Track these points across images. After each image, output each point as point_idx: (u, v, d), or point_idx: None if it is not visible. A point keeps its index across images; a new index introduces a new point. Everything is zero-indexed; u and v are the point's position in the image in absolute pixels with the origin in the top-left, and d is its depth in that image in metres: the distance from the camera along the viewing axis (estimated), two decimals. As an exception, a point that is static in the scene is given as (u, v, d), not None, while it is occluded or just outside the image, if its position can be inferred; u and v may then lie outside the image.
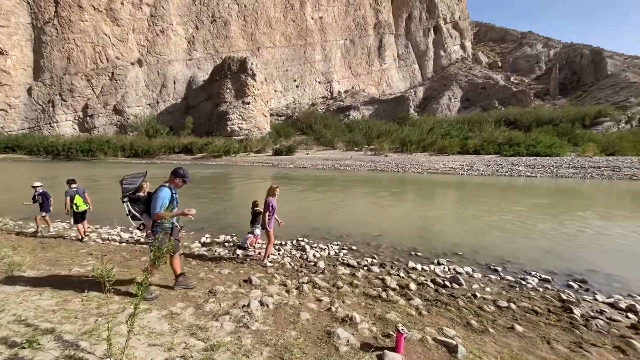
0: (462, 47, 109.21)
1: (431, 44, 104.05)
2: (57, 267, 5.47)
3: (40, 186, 8.51)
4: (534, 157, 40.15)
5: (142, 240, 8.04)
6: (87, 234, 8.12)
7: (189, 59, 77.06)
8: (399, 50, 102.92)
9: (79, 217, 7.92)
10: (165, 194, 4.24)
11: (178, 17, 76.45)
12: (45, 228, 8.59)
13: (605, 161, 33.31)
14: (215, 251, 7.14)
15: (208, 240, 8.05)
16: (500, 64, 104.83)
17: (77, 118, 67.59)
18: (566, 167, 29.90)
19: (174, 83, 73.98)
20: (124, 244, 7.59)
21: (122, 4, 70.57)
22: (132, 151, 53.10)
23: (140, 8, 72.60)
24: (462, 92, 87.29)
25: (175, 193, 4.41)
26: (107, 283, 2.72)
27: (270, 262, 6.33)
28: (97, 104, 68.28)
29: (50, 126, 64.95)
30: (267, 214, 6.09)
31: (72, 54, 67.38)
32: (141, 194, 4.85)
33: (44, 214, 8.32)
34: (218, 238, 8.28)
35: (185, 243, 7.65)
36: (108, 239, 8.08)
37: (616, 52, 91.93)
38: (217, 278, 5.28)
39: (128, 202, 4.65)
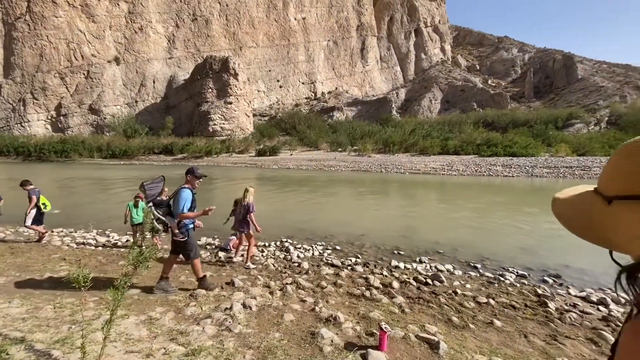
0: (442, 50, 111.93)
1: (412, 47, 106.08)
2: (27, 273, 5.21)
3: None
4: (510, 158, 41.57)
5: (120, 244, 7.77)
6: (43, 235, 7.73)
7: (169, 58, 75.32)
8: (381, 52, 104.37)
9: (42, 218, 7.66)
10: (187, 195, 4.46)
11: (157, 14, 74.60)
12: None
13: (576, 161, 34.92)
14: (197, 254, 6.99)
15: (189, 243, 7.86)
16: (478, 67, 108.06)
17: (49, 117, 64.72)
18: (541, 167, 31.13)
19: (154, 82, 72.11)
20: (100, 248, 7.31)
21: (99, 0, 68.21)
22: (109, 152, 51.31)
23: (118, 5, 70.40)
24: (443, 94, 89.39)
25: (195, 193, 4.61)
26: (82, 288, 2.61)
27: (253, 264, 6.26)
28: (72, 103, 65.64)
29: (21, 126, 61.90)
30: (252, 215, 6.02)
31: (44, 51, 64.53)
32: (163, 197, 4.93)
33: None
34: (199, 240, 8.11)
35: (165, 246, 7.45)
36: (83, 243, 7.76)
37: (586, 58, 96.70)
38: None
39: (153, 207, 4.68)
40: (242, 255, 6.71)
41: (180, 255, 4.69)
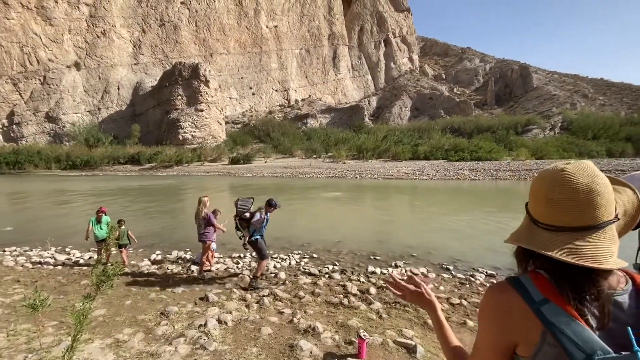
0: (410, 59, 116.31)
1: (382, 56, 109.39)
2: (-26, 299, 4.73)
3: None
4: (476, 162, 43.67)
5: (82, 261, 7.27)
6: None
7: (134, 64, 72.53)
8: (352, 61, 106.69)
9: None
10: (267, 218, 5.87)
11: (122, 19, 71.83)
12: None
13: (535, 164, 37.27)
14: (168, 269, 6.68)
15: (159, 258, 7.52)
16: (444, 76, 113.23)
17: (1, 126, 59.86)
18: (504, 170, 32.93)
19: (118, 89, 69.02)
20: (60, 267, 6.80)
21: (56, 2, 64.70)
22: (68, 163, 48.30)
23: (78, 7, 67.06)
24: (412, 102, 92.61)
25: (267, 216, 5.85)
26: (39, 313, 2.40)
27: (211, 273, 6.08)
28: (26, 110, 61.22)
29: (-33, 135, 56.74)
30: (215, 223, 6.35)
31: (-6, 54, 59.90)
32: (247, 214, 5.83)
33: None
34: (170, 254, 7.77)
35: (132, 262, 7.07)
36: (40, 262, 7.18)
37: (540, 68, 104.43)
38: (170, 298, 4.94)
39: (238, 220, 5.83)
40: (212, 266, 6.52)
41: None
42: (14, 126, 60.16)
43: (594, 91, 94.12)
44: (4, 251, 8.11)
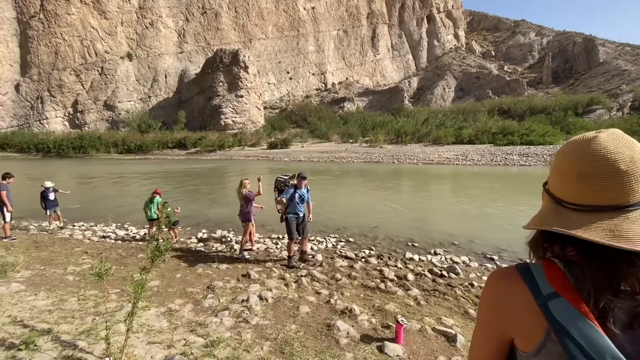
0: (456, 36, 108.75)
1: (425, 34, 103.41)
2: (52, 267, 5.41)
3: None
4: (527, 146, 40.41)
5: (138, 237, 7.98)
6: None
7: (179, 52, 75.81)
8: (392, 40, 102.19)
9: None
10: (286, 191, 5.86)
11: (167, 9, 74.92)
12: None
13: (597, 149, 33.55)
14: (212, 246, 7.11)
15: (205, 236, 8.01)
16: (493, 53, 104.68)
17: (67, 114, 66.44)
18: (559, 156, 30.10)
19: (165, 77, 72.87)
20: (120, 242, 7.52)
21: (110, -4, 68.90)
22: (124, 147, 52.45)
23: (129, 0, 70.99)
24: (456, 82, 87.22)
25: (295, 191, 5.79)
26: (105, 281, 2.68)
27: (250, 253, 6.32)
28: (88, 99, 67.13)
29: (40, 123, 63.80)
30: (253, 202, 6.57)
31: (59, 48, 65.90)
32: (282, 186, 6.22)
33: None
34: (215, 233, 8.24)
35: (182, 239, 7.61)
36: (103, 236, 8.00)
37: (608, 40, 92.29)
38: (215, 273, 5.27)
39: (276, 191, 6.26)
40: (254, 245, 6.82)
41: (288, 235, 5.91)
42: (78, 114, 66.40)
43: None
44: (74, 226, 9.13)
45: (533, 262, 0.75)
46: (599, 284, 0.61)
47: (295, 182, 5.94)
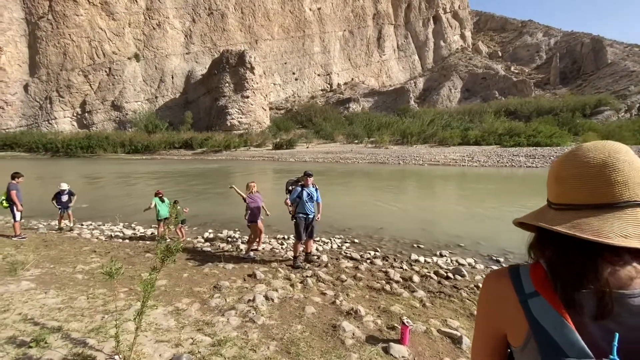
0: (462, 36, 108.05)
1: (431, 34, 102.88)
2: (61, 265, 5.49)
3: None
4: (534, 148, 40.04)
5: (146, 236, 8.06)
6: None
7: (186, 53, 76.33)
8: (398, 40, 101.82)
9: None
10: (294, 190, 5.88)
11: (174, 10, 75.50)
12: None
13: (606, 150, 33.11)
14: (219, 246, 7.17)
15: (211, 236, 8.07)
16: (500, 54, 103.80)
17: (75, 114, 67.25)
18: (567, 157, 29.77)
19: (172, 77, 73.42)
20: (127, 241, 7.61)
21: (117, -3, 69.65)
22: (131, 147, 52.95)
23: (136, 2, 71.67)
24: (462, 83, 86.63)
25: (303, 190, 5.81)
26: (114, 280, 2.72)
27: (257, 254, 6.36)
28: (95, 99, 67.88)
29: (49, 123, 64.66)
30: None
31: (67, 49, 66.73)
32: (290, 187, 6.22)
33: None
34: (221, 233, 8.30)
35: (188, 239, 7.67)
36: (111, 235, 8.10)
37: (616, 41, 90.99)
38: (222, 273, 5.31)
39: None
40: (260, 245, 6.86)
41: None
42: (86, 114, 67.17)
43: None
44: (82, 225, 9.25)
45: (528, 263, 0.80)
46: (567, 278, 0.66)
47: (302, 181, 5.98)
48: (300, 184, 5.98)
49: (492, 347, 0.81)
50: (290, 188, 6.19)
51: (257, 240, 6.80)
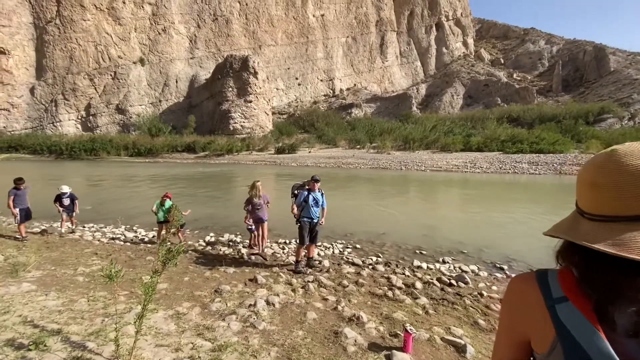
0: (465, 44, 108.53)
1: (433, 41, 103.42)
2: (62, 267, 5.48)
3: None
4: (537, 155, 39.91)
5: (147, 239, 8.04)
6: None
7: (190, 58, 76.99)
8: (401, 47, 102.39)
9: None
10: (300, 194, 5.97)
11: (180, 15, 76.35)
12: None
13: (609, 158, 32.91)
14: (220, 250, 7.13)
15: (212, 239, 8.04)
16: (502, 61, 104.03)
17: (80, 117, 67.76)
18: (570, 164, 29.70)
19: (176, 82, 73.98)
20: (128, 244, 7.59)
21: (124, 3, 70.52)
22: (134, 150, 53.18)
23: (142, 7, 72.55)
24: (465, 89, 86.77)
25: (309, 194, 5.91)
26: (115, 283, 2.70)
27: (259, 258, 6.33)
28: (100, 103, 68.41)
29: (54, 125, 65.14)
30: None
31: (74, 53, 67.47)
32: (296, 191, 6.31)
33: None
34: (222, 237, 8.27)
35: (189, 242, 7.65)
36: (113, 238, 8.08)
37: (619, 49, 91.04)
38: (223, 277, 5.27)
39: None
40: (262, 249, 6.83)
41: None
42: (91, 117, 67.67)
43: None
44: (84, 227, 9.26)
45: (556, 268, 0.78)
46: (604, 291, 0.62)
47: (309, 185, 6.03)
48: (306, 188, 6.01)
49: (515, 352, 0.79)
50: (296, 192, 6.20)
51: (258, 243, 6.79)
